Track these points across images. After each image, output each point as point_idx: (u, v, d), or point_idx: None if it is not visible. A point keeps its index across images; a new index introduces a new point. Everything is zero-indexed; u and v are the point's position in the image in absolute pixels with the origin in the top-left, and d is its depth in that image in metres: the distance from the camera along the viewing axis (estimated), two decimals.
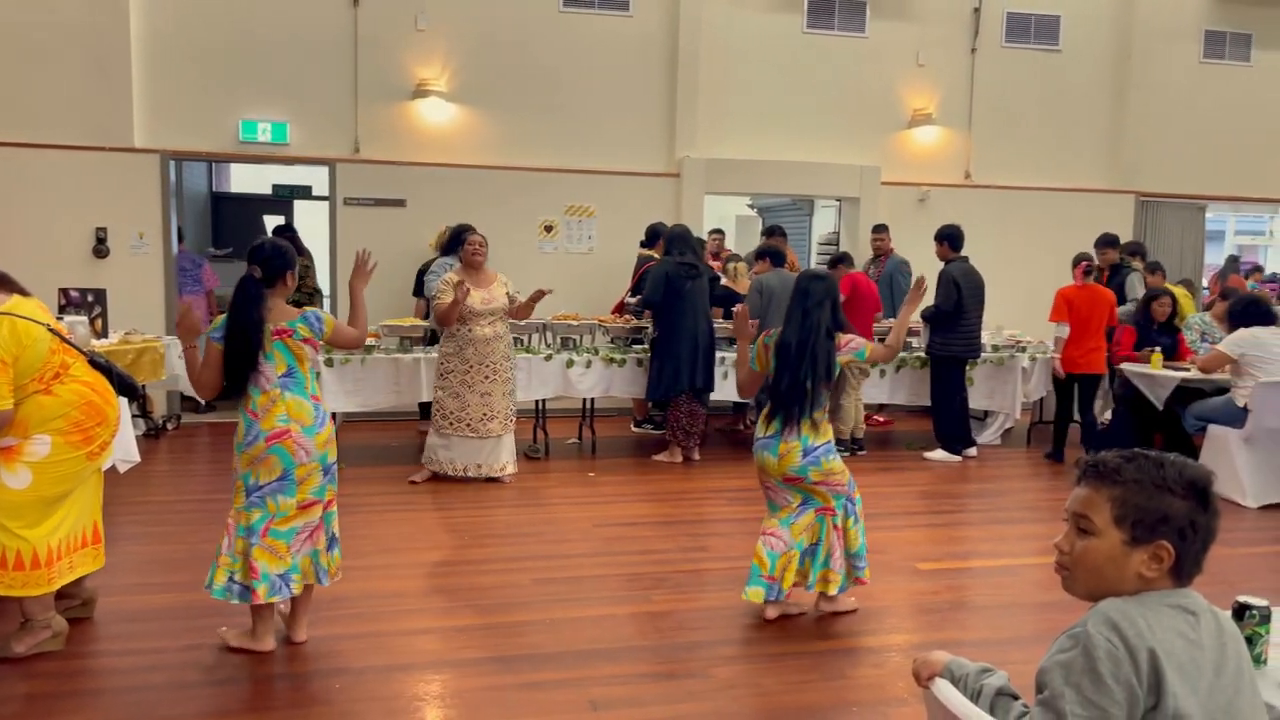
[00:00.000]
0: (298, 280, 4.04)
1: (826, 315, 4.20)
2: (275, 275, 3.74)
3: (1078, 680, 1.53)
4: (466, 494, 6.25)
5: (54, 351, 3.59)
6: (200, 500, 6.02)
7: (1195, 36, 10.55)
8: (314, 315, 3.78)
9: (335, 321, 3.89)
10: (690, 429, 7.31)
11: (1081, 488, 1.69)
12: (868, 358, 4.36)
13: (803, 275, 4.42)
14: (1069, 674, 1.55)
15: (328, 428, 3.74)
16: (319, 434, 3.69)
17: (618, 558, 5.07)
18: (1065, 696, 1.53)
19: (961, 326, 7.52)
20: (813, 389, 4.14)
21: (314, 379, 3.79)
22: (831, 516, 4.17)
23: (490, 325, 6.34)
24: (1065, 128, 10.28)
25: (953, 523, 6.15)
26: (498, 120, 8.99)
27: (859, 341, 4.32)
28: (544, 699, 3.44)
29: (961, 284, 7.45)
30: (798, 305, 4.26)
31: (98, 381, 3.78)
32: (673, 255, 7.20)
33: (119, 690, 3.44)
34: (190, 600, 4.29)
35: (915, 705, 3.47)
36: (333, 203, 8.84)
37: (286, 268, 3.77)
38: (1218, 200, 11.05)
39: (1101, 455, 1.69)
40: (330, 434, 3.75)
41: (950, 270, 7.54)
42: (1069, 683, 1.54)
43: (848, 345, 4.27)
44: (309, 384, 3.74)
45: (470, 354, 6.33)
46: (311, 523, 3.72)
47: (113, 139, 8.23)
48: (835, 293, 4.30)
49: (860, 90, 9.74)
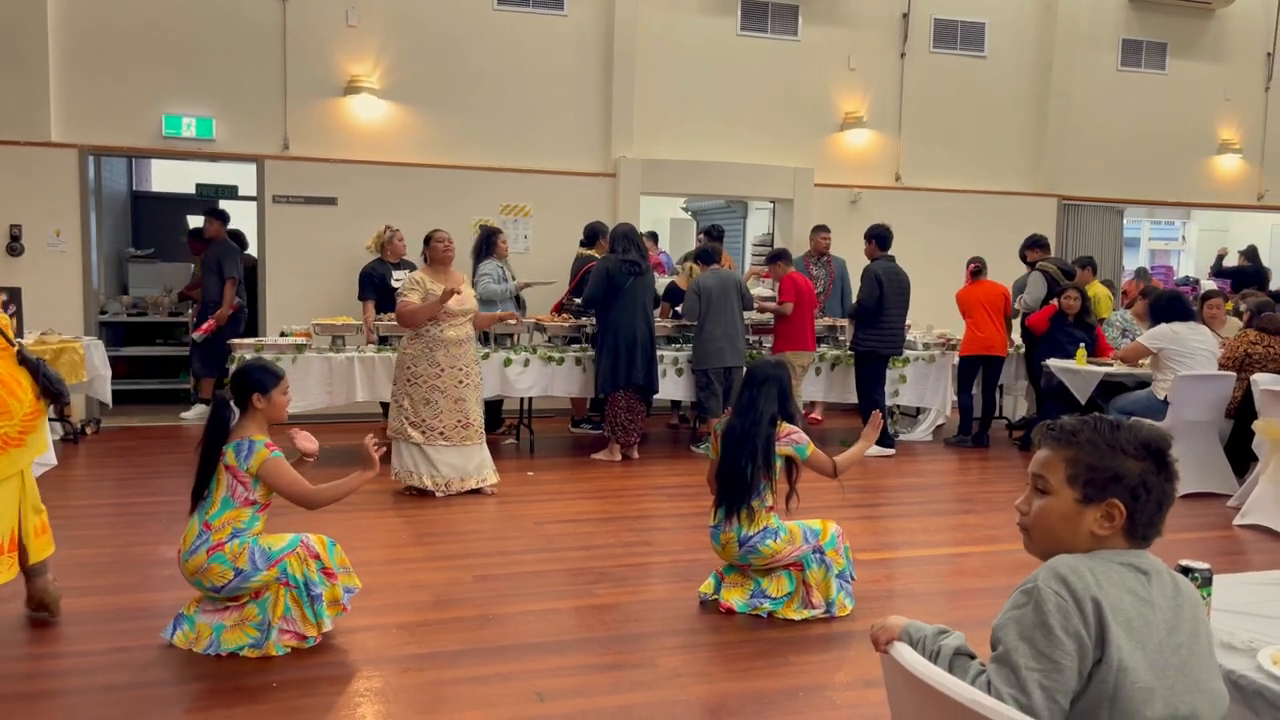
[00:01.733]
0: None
1: (772, 404, 4.17)
2: (243, 398, 3.69)
3: (1030, 634, 1.56)
4: (401, 495, 6.14)
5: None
6: (121, 504, 5.81)
7: (1114, 45, 10.92)
8: (246, 443, 3.60)
9: (274, 462, 3.59)
10: (630, 426, 7.30)
11: (1041, 450, 1.72)
12: (808, 457, 4.19)
13: (756, 362, 4.36)
14: (1021, 629, 1.57)
15: (200, 556, 3.54)
16: (190, 560, 3.57)
17: (559, 554, 5.02)
18: (1018, 651, 1.56)
19: (883, 323, 7.67)
20: (751, 476, 4.10)
21: (225, 506, 3.59)
22: (801, 571, 4.15)
23: (461, 327, 6.06)
24: (991, 132, 10.55)
25: (887, 515, 6.24)
26: (431, 118, 8.89)
27: (801, 437, 4.22)
28: (489, 692, 3.39)
29: (884, 281, 7.60)
30: (746, 390, 4.23)
31: (12, 373, 3.67)
32: (616, 253, 7.18)
33: (43, 694, 3.29)
34: (115, 603, 4.15)
35: (860, 690, 3.50)
36: (261, 201, 8.63)
37: (249, 390, 3.68)
38: (1134, 204, 11.45)
39: (1062, 419, 1.74)
40: (201, 564, 3.55)
41: (874, 268, 7.71)
42: (1022, 637, 1.56)
43: (788, 436, 4.18)
44: (213, 509, 3.60)
45: (441, 357, 5.96)
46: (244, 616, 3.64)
47: (28, 133, 7.92)
48: (785, 382, 4.25)
49: (793, 93, 9.87)
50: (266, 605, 3.62)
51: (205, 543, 3.56)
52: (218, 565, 3.55)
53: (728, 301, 7.55)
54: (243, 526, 3.62)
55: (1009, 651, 1.57)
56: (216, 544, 3.56)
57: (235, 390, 3.71)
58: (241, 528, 3.61)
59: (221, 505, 3.61)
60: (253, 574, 3.57)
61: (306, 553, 3.67)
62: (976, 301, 8.05)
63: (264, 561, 3.59)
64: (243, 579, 3.56)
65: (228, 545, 3.56)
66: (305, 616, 3.64)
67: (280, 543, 3.65)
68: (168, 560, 4.66)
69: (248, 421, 3.69)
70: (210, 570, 3.55)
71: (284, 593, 3.62)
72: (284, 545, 3.65)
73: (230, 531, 3.59)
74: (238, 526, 3.61)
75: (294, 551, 3.65)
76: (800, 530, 4.18)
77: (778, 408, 4.18)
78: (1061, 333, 7.77)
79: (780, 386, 4.21)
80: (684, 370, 7.73)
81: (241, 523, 3.62)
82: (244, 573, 3.56)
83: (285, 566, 3.61)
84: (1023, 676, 1.54)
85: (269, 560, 3.60)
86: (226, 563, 3.55)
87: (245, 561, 3.56)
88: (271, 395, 3.71)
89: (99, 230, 8.55)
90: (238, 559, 3.56)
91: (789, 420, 4.24)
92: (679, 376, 7.75)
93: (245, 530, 3.62)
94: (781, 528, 4.16)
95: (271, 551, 3.62)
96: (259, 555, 3.58)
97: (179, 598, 3.93)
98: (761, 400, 4.17)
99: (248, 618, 3.62)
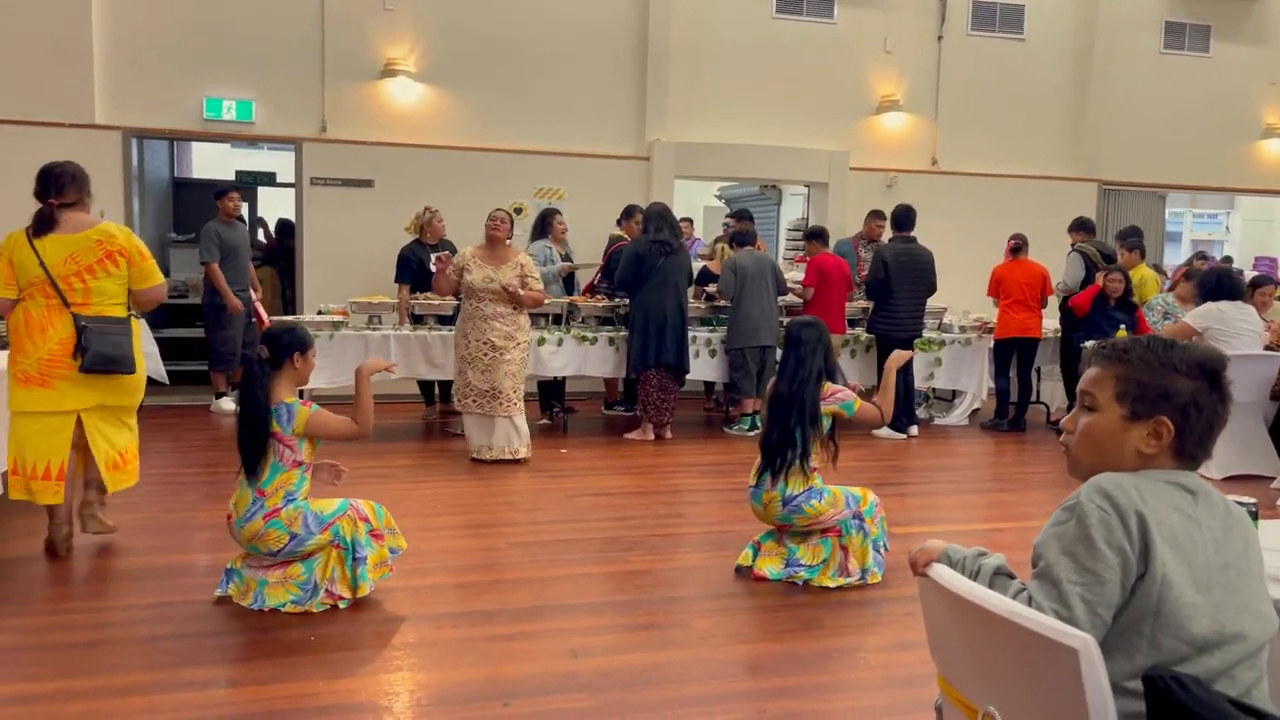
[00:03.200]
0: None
1: (818, 362, 4.17)
2: (281, 358, 3.72)
3: (1072, 549, 1.54)
4: (433, 468, 6.19)
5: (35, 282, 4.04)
6: (162, 474, 5.90)
7: (1156, 28, 10.74)
8: (284, 408, 3.67)
9: (317, 415, 3.68)
10: (661, 405, 7.29)
11: (1091, 368, 1.70)
12: (856, 412, 4.20)
13: (794, 323, 4.36)
14: (1063, 544, 1.55)
15: (256, 522, 3.61)
16: (246, 526, 3.63)
17: (591, 524, 5.03)
18: (1060, 565, 1.54)
19: (892, 306, 7.60)
20: (801, 438, 4.09)
21: (274, 471, 3.65)
22: (838, 537, 4.14)
23: (492, 304, 6.21)
24: (1029, 116, 10.42)
25: (921, 493, 6.19)
26: (467, 101, 8.93)
27: (846, 393, 4.22)
28: (523, 648, 3.41)
29: (890, 263, 7.53)
30: (789, 352, 4.22)
31: (46, 320, 4.04)
32: (648, 233, 7.17)
33: (89, 644, 3.35)
34: (157, 563, 4.23)
35: (894, 652, 3.48)
36: (299, 183, 8.72)
37: (292, 349, 3.72)
38: (1177, 189, 11.25)
39: (1116, 338, 1.71)
40: (258, 530, 3.61)
41: (883, 249, 7.70)
42: (1064, 552, 1.55)
43: (834, 395, 4.19)
44: (263, 476, 3.65)
45: (469, 329, 6.26)
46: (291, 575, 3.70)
47: (73, 115, 8.06)
48: (827, 339, 4.25)
49: (829, 76, 9.80)
50: (314, 566, 3.69)
51: (261, 509, 3.63)
52: (275, 531, 3.62)
53: (763, 281, 7.53)
54: (294, 489, 3.68)
55: (1050, 566, 1.55)
56: (272, 510, 3.63)
57: (273, 349, 3.75)
58: (293, 490, 3.68)
59: (271, 471, 3.67)
60: (307, 538, 3.63)
61: (356, 515, 3.73)
62: (1014, 281, 7.91)
63: (317, 526, 3.66)
64: (297, 543, 3.63)
65: (283, 511, 3.64)
66: (345, 578, 3.69)
67: (331, 507, 3.72)
68: (207, 525, 4.75)
69: (280, 384, 3.74)
70: (267, 536, 3.62)
71: (333, 554, 3.69)
72: (335, 509, 3.71)
73: (283, 496, 3.66)
74: (289, 490, 3.67)
75: (345, 514, 3.71)
76: (843, 495, 4.17)
77: (820, 365, 4.18)
78: (1103, 315, 7.65)
79: (823, 345, 4.21)
80: (717, 351, 7.71)
81: (292, 485, 3.68)
82: (298, 537, 3.63)
83: (338, 529, 3.68)
84: (1064, 590, 1.52)
85: (321, 524, 3.66)
86: (283, 528, 3.62)
87: (300, 526, 3.63)
88: (308, 355, 3.78)
89: (142, 214, 8.69)
90: (292, 524, 3.63)
91: (831, 378, 4.23)
92: (711, 358, 7.73)
93: (296, 493, 3.69)
94: (825, 489, 4.15)
95: (323, 516, 3.68)
96: (312, 520, 3.65)
97: (219, 559, 3.99)
98: (807, 359, 4.17)
99: (291, 576, 3.68)
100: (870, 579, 4.11)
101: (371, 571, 3.73)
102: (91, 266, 4.09)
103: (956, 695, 1.71)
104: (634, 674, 3.21)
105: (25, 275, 4.05)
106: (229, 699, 2.99)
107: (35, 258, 4.02)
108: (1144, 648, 1.52)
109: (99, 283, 4.11)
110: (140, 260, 4.20)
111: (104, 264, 4.11)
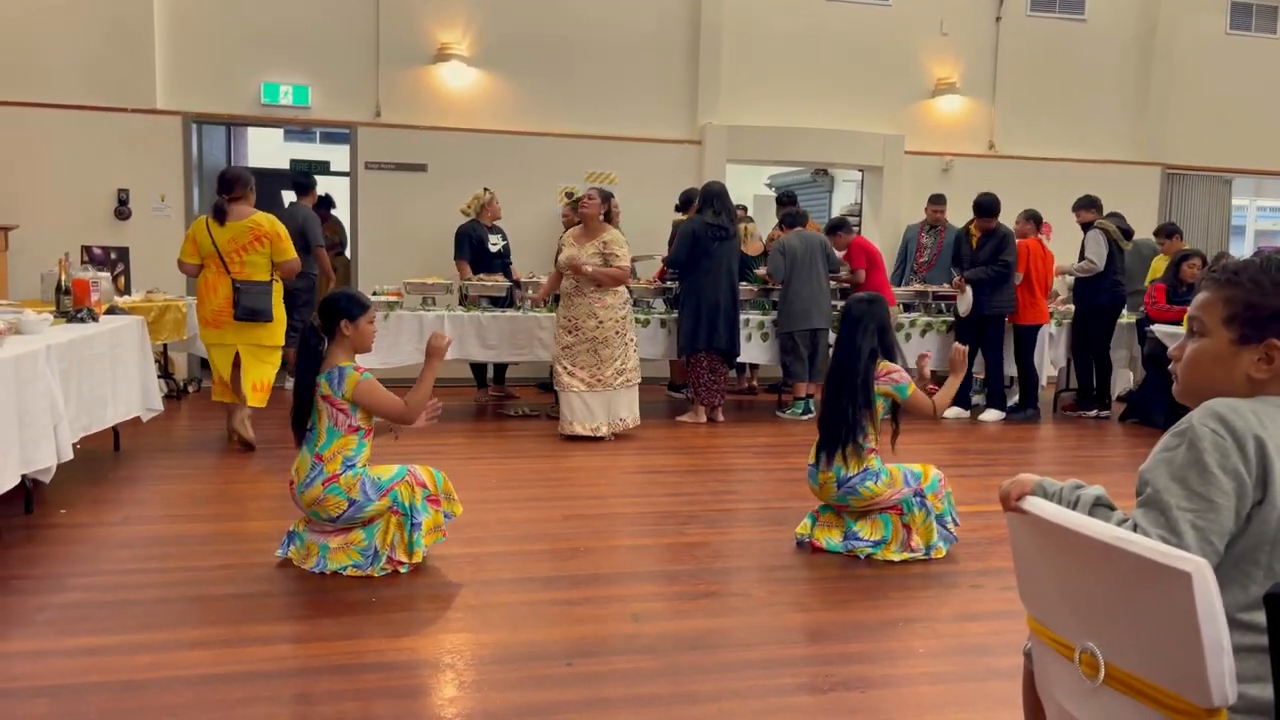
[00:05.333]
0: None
1: (871, 340, 4.06)
2: (331, 325, 3.73)
3: (1183, 474, 1.47)
4: (485, 444, 6.21)
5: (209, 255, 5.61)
6: (223, 449, 5.97)
7: (1221, 8, 10.44)
8: (336, 371, 3.69)
9: (366, 383, 3.67)
10: (713, 388, 7.22)
11: (1201, 292, 1.62)
12: (909, 397, 4.07)
13: (851, 299, 4.28)
14: (1173, 469, 1.48)
15: (316, 488, 3.63)
16: (306, 492, 3.65)
17: (647, 499, 5.00)
18: (1169, 491, 1.47)
19: (1010, 285, 7.55)
20: (853, 417, 4.00)
21: (331, 436, 3.68)
22: (899, 515, 4.05)
23: (575, 283, 6.37)
24: (1091, 98, 10.18)
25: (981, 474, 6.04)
26: (519, 85, 8.94)
27: (902, 376, 4.09)
28: (584, 613, 3.38)
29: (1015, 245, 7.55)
30: (844, 329, 4.12)
31: (216, 282, 5.62)
32: (704, 214, 7.09)
33: (154, 601, 3.39)
34: (220, 529, 4.27)
35: (963, 623, 3.40)
36: (354, 168, 8.79)
37: (339, 316, 3.73)
38: (1243, 174, 10.93)
39: (1227, 261, 1.63)
40: (318, 496, 3.63)
41: (1010, 230, 7.65)
42: (1174, 478, 1.47)
43: (887, 375, 4.07)
44: (320, 441, 3.68)
45: (561, 309, 6.51)
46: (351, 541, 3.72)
47: (135, 100, 8.20)
48: (883, 316, 4.13)
49: (884, 59, 9.66)
50: (375, 533, 3.70)
51: (320, 475, 3.65)
52: (333, 496, 3.63)
53: (813, 263, 7.44)
54: (352, 454, 3.69)
55: (1158, 493, 1.48)
56: (331, 476, 3.64)
57: (324, 317, 3.76)
58: (351, 455, 3.69)
59: (328, 436, 3.69)
60: (366, 504, 3.64)
61: (414, 480, 3.73)
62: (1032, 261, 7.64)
63: (375, 492, 3.66)
64: (356, 509, 3.64)
65: (342, 477, 3.65)
66: (404, 543, 3.69)
67: (389, 473, 3.72)
68: (268, 495, 4.80)
69: (336, 350, 3.76)
70: (326, 501, 3.63)
71: (393, 521, 3.69)
72: (393, 475, 3.72)
73: (342, 461, 3.67)
74: (347, 455, 3.68)
75: (403, 480, 3.72)
76: (901, 473, 4.07)
77: (877, 342, 4.08)
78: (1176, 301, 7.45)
79: (879, 322, 4.11)
80: (769, 335, 7.64)
81: (350, 450, 3.69)
82: (357, 503, 3.64)
83: (396, 495, 3.68)
84: (1173, 516, 1.45)
85: (380, 490, 3.67)
86: (341, 494, 3.63)
87: (358, 492, 3.64)
88: (359, 323, 3.76)
89: (201, 201, 8.82)
90: (351, 490, 3.64)
91: (889, 357, 4.13)
92: (764, 341, 7.66)
93: (355, 458, 3.70)
94: (883, 470, 4.05)
95: (381, 482, 3.69)
96: (370, 486, 3.66)
97: (280, 526, 4.02)
98: (860, 337, 4.07)
99: (353, 542, 3.69)
100: (935, 554, 4.02)
101: (426, 536, 3.73)
102: (246, 245, 5.61)
103: (1050, 635, 1.65)
104: (696, 637, 3.16)
105: (203, 250, 5.63)
106: (292, 654, 2.99)
107: (209, 238, 5.60)
108: (1260, 578, 1.45)
109: (251, 257, 5.64)
110: (278, 241, 5.70)
111: (254, 244, 5.63)
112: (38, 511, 4.37)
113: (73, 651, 2.95)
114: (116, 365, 5.21)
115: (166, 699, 2.65)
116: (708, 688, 2.79)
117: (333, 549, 3.69)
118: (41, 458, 4.04)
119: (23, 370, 3.97)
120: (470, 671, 2.90)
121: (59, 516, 4.35)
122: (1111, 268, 7.66)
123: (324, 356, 3.76)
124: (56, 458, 4.17)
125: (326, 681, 2.78)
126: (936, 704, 2.77)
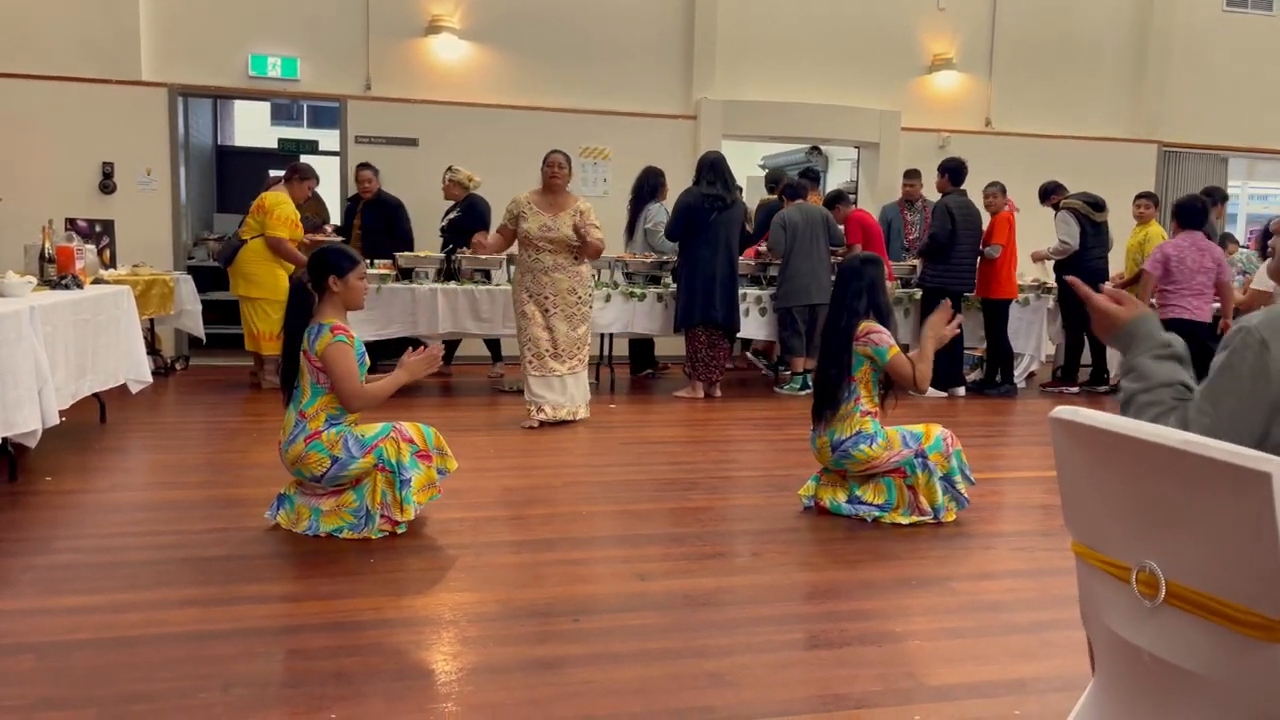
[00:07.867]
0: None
1: (858, 301, 3.96)
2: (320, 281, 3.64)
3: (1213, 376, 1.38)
4: (479, 416, 6.09)
5: None
6: (211, 421, 5.84)
7: None
8: (316, 328, 3.59)
9: (337, 346, 3.53)
10: (710, 363, 7.11)
11: None
12: (888, 360, 3.91)
13: (846, 259, 4.17)
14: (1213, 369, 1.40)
15: (298, 445, 3.54)
16: (290, 449, 3.57)
17: (648, 467, 4.90)
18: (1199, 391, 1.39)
19: (954, 259, 7.35)
20: (834, 378, 3.94)
21: (315, 393, 3.58)
22: (903, 478, 3.96)
23: (551, 255, 5.81)
24: (1087, 75, 10.10)
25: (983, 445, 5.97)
26: (511, 59, 8.80)
27: (882, 337, 3.94)
28: (588, 572, 3.28)
29: (956, 215, 7.29)
30: (836, 288, 4.05)
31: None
32: (700, 184, 6.96)
33: (143, 562, 3.27)
34: (210, 495, 4.15)
35: (977, 581, 3.32)
36: (343, 142, 8.64)
37: (326, 271, 3.63)
38: (1239, 152, 10.87)
39: None
40: (300, 453, 3.54)
41: (945, 201, 7.41)
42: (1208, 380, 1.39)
43: (866, 335, 3.93)
44: (304, 398, 3.59)
45: (529, 282, 5.83)
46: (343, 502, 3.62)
47: (120, 72, 8.02)
48: (875, 276, 4.01)
49: (880, 34, 9.55)
50: (365, 492, 3.59)
51: (302, 431, 3.54)
52: (315, 453, 3.52)
53: (814, 237, 7.33)
54: (336, 413, 3.59)
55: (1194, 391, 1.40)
56: (314, 433, 3.54)
57: (312, 273, 3.66)
58: (335, 414, 3.59)
59: (311, 393, 3.58)
60: (349, 462, 3.53)
61: (400, 436, 3.61)
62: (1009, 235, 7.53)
63: (359, 449, 3.55)
64: (340, 467, 3.53)
65: (324, 434, 3.54)
66: (397, 500, 3.58)
67: (373, 430, 3.61)
68: (258, 464, 4.68)
69: (325, 306, 3.66)
70: (308, 459, 3.52)
71: (380, 478, 3.57)
72: (377, 432, 3.61)
73: (325, 419, 3.56)
74: (331, 413, 3.58)
75: (388, 437, 3.60)
76: (900, 435, 3.97)
77: (866, 303, 3.97)
78: None
79: (869, 281, 4.00)
80: (767, 309, 7.54)
81: (335, 408, 3.59)
82: (340, 460, 3.52)
83: (381, 451, 3.57)
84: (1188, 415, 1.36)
85: (363, 447, 3.55)
86: (323, 450, 3.52)
87: (340, 449, 3.53)
88: (348, 279, 3.65)
89: (187, 176, 8.64)
90: (333, 446, 3.53)
91: (881, 317, 4.02)
92: (762, 316, 7.56)
93: (340, 416, 3.59)
94: (879, 433, 3.95)
95: (365, 438, 3.58)
96: (353, 443, 3.55)
97: (270, 493, 3.89)
98: (848, 297, 3.98)
99: (344, 504, 3.58)
100: (945, 517, 3.93)
101: (417, 494, 3.62)
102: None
103: (1100, 558, 1.55)
104: (705, 595, 3.07)
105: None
106: (287, 612, 2.88)
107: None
108: None
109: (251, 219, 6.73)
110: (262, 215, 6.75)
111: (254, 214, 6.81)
112: (22, 479, 4.24)
113: (58, 610, 2.83)
114: (102, 332, 5.08)
115: (157, 654, 2.54)
116: (720, 642, 2.70)
117: (325, 512, 3.58)
118: (25, 420, 3.92)
119: (5, 330, 3.84)
120: (473, 628, 2.79)
121: (44, 484, 4.22)
122: (1085, 244, 7.56)
123: (314, 313, 3.65)
124: (41, 422, 4.05)
125: (324, 638, 2.68)
126: (956, 657, 2.68)
